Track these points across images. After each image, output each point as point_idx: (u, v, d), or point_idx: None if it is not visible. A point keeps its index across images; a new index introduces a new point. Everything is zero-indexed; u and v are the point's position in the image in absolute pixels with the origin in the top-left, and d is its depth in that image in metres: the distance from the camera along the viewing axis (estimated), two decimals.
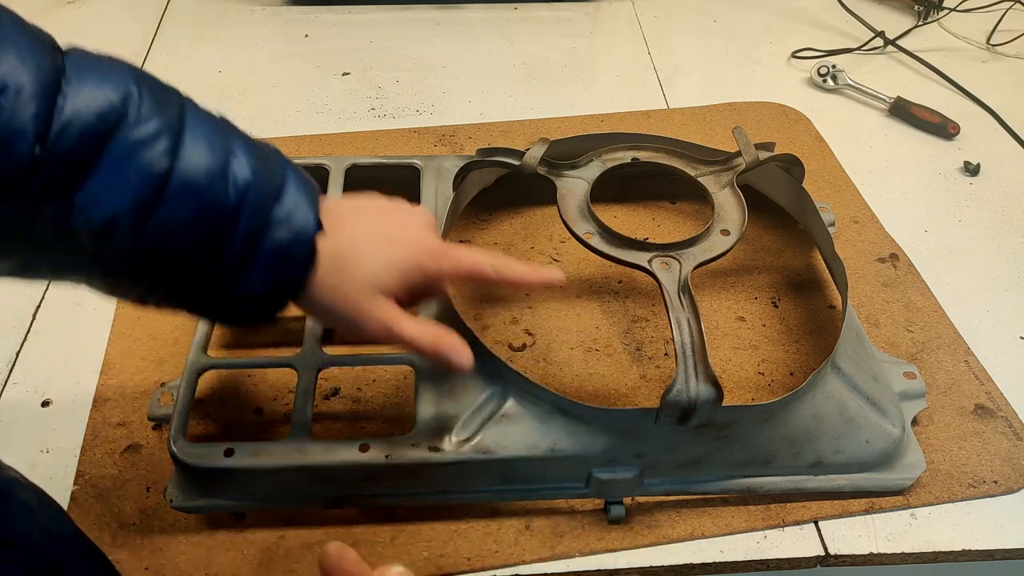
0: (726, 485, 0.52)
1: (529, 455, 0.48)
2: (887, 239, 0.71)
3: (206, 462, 0.47)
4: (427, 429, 0.48)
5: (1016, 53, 0.98)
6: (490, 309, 0.63)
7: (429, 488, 0.50)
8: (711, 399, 0.47)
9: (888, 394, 0.54)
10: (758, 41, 0.99)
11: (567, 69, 0.92)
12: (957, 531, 0.52)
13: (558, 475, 0.50)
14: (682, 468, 0.51)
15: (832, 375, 0.53)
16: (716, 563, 0.50)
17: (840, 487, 0.52)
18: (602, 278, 0.66)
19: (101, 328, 0.61)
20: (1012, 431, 0.57)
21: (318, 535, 0.50)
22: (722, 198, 0.61)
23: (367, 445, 0.47)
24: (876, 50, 0.97)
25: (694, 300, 0.52)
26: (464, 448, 0.48)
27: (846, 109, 0.88)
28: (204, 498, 0.49)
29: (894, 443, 0.52)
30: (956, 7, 1.04)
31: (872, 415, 0.52)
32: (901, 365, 0.57)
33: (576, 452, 0.49)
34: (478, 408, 0.49)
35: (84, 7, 0.99)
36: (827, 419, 0.51)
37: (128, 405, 0.56)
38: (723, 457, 0.51)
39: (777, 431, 0.50)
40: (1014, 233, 0.74)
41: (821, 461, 0.51)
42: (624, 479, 0.50)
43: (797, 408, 0.51)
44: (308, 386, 0.50)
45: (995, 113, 0.87)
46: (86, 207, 0.32)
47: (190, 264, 0.36)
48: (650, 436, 0.49)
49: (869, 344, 0.58)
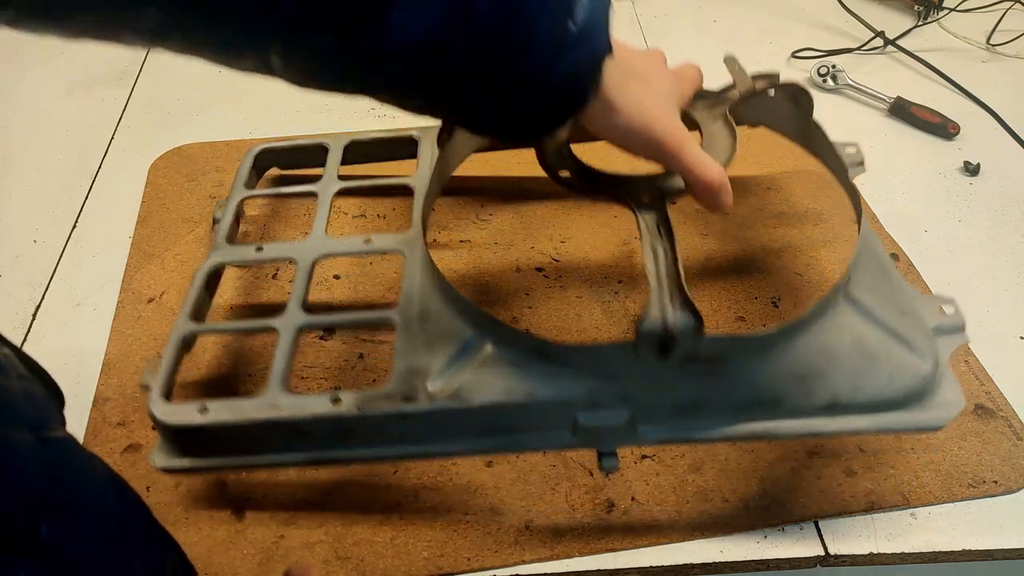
0: (731, 431, 0.47)
1: (507, 401, 0.45)
2: (887, 239, 0.71)
3: (182, 419, 0.46)
4: (401, 381, 0.46)
5: (1016, 53, 0.98)
6: (490, 309, 0.63)
7: (406, 442, 0.47)
8: (690, 327, 0.43)
9: (919, 327, 0.49)
10: (758, 41, 0.99)
11: None
12: (957, 531, 0.52)
13: (541, 423, 0.47)
14: (678, 413, 0.47)
15: (845, 306, 0.48)
16: (716, 563, 0.50)
17: (861, 428, 0.47)
18: (602, 278, 0.66)
19: (101, 328, 0.61)
20: (1012, 431, 0.57)
21: (318, 535, 0.50)
22: (715, 130, 0.58)
23: (339, 398, 0.46)
24: (876, 50, 0.97)
25: (672, 232, 0.49)
26: (439, 398, 0.45)
27: (846, 109, 0.88)
28: (184, 458, 0.48)
29: (923, 380, 0.47)
30: (956, 7, 1.04)
31: (897, 349, 0.47)
32: (937, 300, 0.51)
33: (556, 396, 0.45)
34: (453, 357, 0.47)
35: None
36: (840, 354, 0.47)
37: (128, 405, 0.56)
38: (723, 399, 0.46)
39: (781, 368, 0.46)
40: (1014, 233, 0.74)
41: (837, 401, 0.46)
42: (613, 426, 0.46)
43: (802, 342, 0.47)
44: (288, 345, 0.50)
45: (995, 113, 0.87)
46: (402, 27, 0.32)
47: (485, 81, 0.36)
48: (634, 375, 0.45)
49: (898, 276, 0.53)
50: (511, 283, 0.65)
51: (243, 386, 0.58)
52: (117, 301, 0.63)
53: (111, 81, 0.90)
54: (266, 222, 0.70)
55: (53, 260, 0.67)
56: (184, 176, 0.74)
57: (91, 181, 0.76)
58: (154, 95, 0.87)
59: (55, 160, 0.78)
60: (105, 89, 0.88)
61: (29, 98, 0.87)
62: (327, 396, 0.46)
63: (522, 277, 0.66)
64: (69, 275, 0.66)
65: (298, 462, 0.48)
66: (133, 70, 0.91)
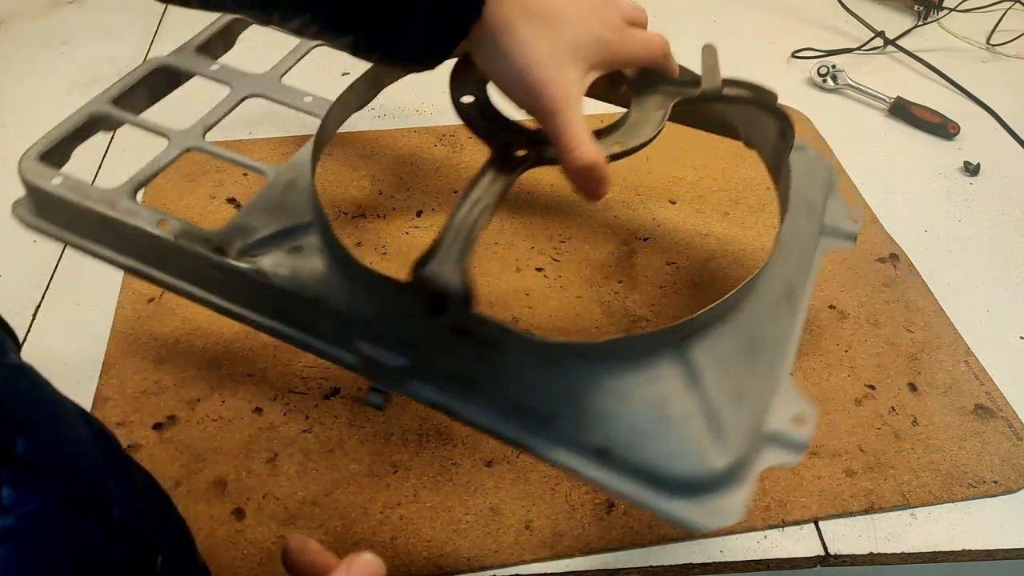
0: (497, 426, 0.43)
1: (299, 293, 0.45)
2: (887, 239, 0.71)
3: (35, 181, 0.50)
4: (227, 232, 0.47)
5: (1016, 53, 0.98)
6: (489, 309, 0.63)
7: (213, 292, 0.48)
8: (461, 294, 0.40)
9: (746, 423, 0.41)
10: (758, 41, 0.99)
11: None
12: (957, 531, 0.52)
13: (328, 330, 0.46)
14: (452, 382, 0.44)
15: (671, 358, 0.42)
16: (716, 563, 0.50)
17: (622, 491, 0.41)
18: (602, 278, 0.66)
19: (101, 328, 0.61)
20: (1012, 431, 0.57)
21: (318, 535, 0.50)
22: (643, 118, 0.51)
23: (167, 221, 0.47)
24: (876, 50, 0.97)
25: (502, 198, 0.45)
26: (243, 262, 0.46)
27: (846, 109, 0.88)
28: (38, 219, 0.51)
29: (707, 474, 0.40)
30: (956, 7, 1.04)
31: (699, 431, 0.40)
32: (802, 406, 0.43)
33: (342, 308, 0.44)
34: (280, 232, 0.47)
35: (84, 7, 0.99)
36: (634, 402, 0.41)
37: (128, 405, 0.56)
38: (494, 388, 0.43)
39: (559, 385, 0.42)
40: (1014, 233, 0.74)
41: (609, 451, 0.41)
42: (389, 365, 0.44)
43: (593, 370, 0.41)
44: (168, 158, 0.53)
45: (995, 113, 0.87)
46: None
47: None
48: (414, 322, 0.43)
49: (781, 362, 0.45)
50: (511, 283, 0.65)
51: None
52: (117, 301, 0.63)
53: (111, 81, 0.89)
54: None
55: (53, 260, 0.67)
56: (184, 176, 0.74)
57: (91, 181, 0.76)
58: None
59: None
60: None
61: (29, 98, 0.87)
62: (158, 216, 0.48)
63: (522, 277, 0.66)
64: (69, 275, 0.66)
65: (122, 265, 0.50)
66: None
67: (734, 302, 0.44)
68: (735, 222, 0.72)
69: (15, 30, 0.97)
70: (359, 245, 0.68)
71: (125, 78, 0.58)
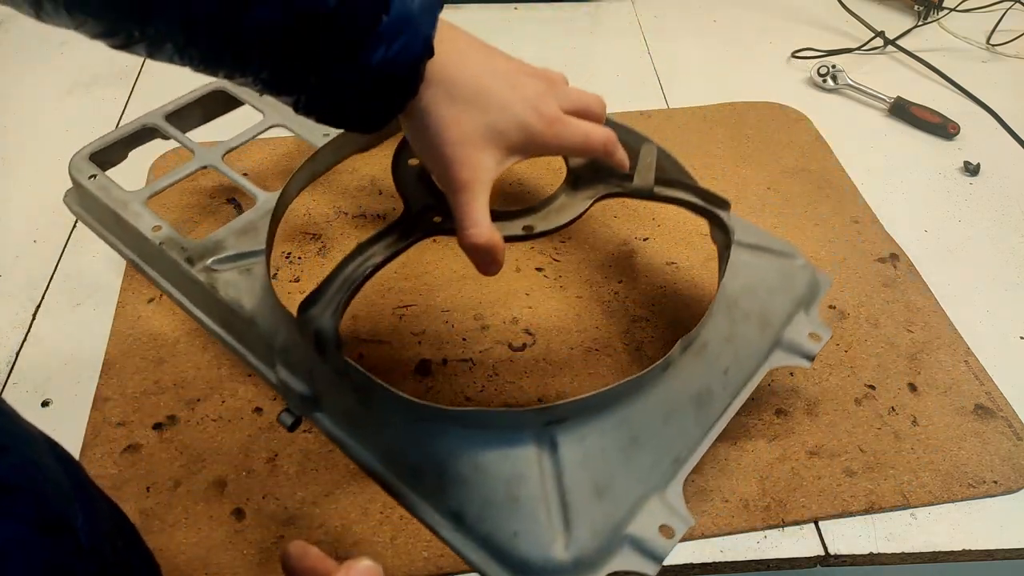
0: (377, 469, 0.44)
1: (235, 310, 0.49)
2: (887, 239, 0.71)
3: (77, 176, 0.58)
4: (202, 246, 0.53)
5: (1016, 53, 0.98)
6: (490, 309, 0.63)
7: (184, 294, 0.54)
8: (328, 337, 0.43)
9: (606, 520, 0.41)
10: (758, 41, 0.99)
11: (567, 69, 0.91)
12: (957, 531, 0.52)
13: (259, 350, 0.50)
14: (345, 417, 0.46)
15: (531, 438, 0.42)
16: (716, 563, 0.50)
17: (469, 558, 0.40)
18: (602, 278, 0.66)
19: (101, 328, 0.61)
20: (1012, 431, 0.57)
21: (318, 535, 0.50)
22: (565, 202, 0.54)
23: (160, 227, 0.54)
24: (876, 50, 0.97)
25: (396, 256, 0.48)
26: (201, 274, 0.51)
27: (846, 109, 0.88)
28: (80, 208, 0.60)
29: (549, 563, 0.39)
30: (956, 7, 1.04)
31: (546, 516, 0.40)
32: (676, 518, 0.42)
33: (263, 330, 0.48)
34: (241, 253, 0.52)
35: None
36: (489, 474, 0.41)
37: (128, 405, 0.56)
38: (372, 431, 0.44)
39: (424, 442, 0.42)
40: (1014, 233, 0.74)
41: (462, 516, 0.41)
42: (296, 390, 0.46)
43: (455, 434, 0.42)
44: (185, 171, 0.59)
45: (995, 113, 0.87)
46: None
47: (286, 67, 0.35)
48: (310, 358, 0.46)
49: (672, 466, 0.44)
50: (511, 283, 0.65)
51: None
52: (117, 301, 0.63)
53: (111, 81, 0.90)
54: None
55: (53, 260, 0.67)
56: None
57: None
58: (154, 95, 0.87)
59: (55, 160, 0.78)
60: (105, 89, 0.88)
61: (29, 98, 0.87)
62: (154, 222, 0.54)
63: (522, 277, 0.66)
64: (69, 275, 0.66)
65: (126, 257, 0.57)
66: (133, 70, 0.91)
67: (612, 396, 0.43)
68: None
69: (15, 30, 0.97)
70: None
71: (184, 96, 0.64)
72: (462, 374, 0.58)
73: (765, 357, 0.51)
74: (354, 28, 0.35)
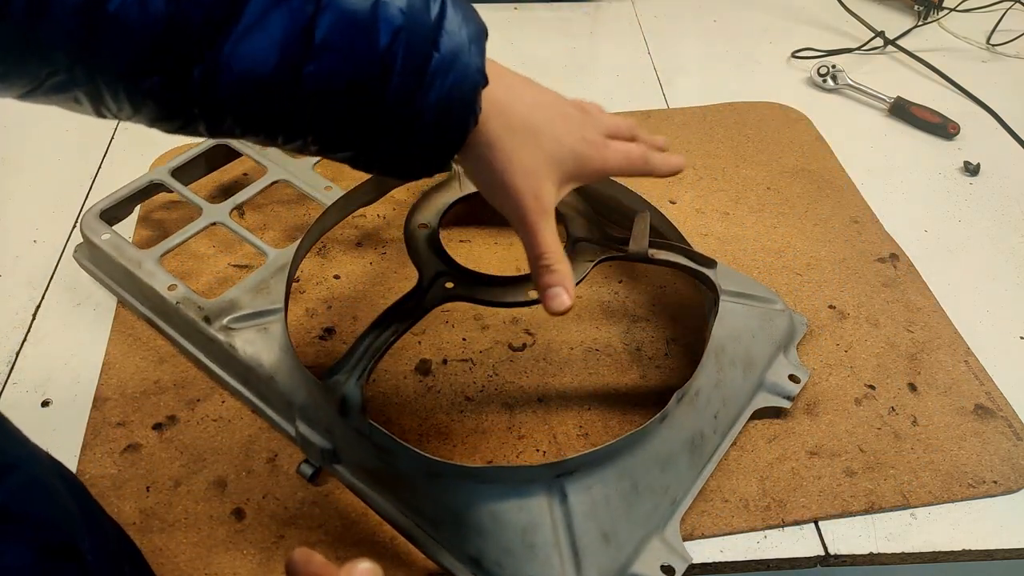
0: (399, 520, 0.48)
1: (256, 370, 0.52)
2: (887, 239, 0.71)
3: (90, 236, 0.60)
4: (221, 304, 0.55)
5: (1016, 53, 0.98)
6: (490, 308, 0.63)
7: (205, 354, 0.56)
8: (354, 404, 0.46)
9: (607, 561, 0.45)
10: (758, 41, 0.99)
11: (567, 69, 0.92)
12: (957, 531, 0.52)
13: (278, 405, 0.52)
14: (365, 473, 0.50)
15: (543, 489, 0.45)
16: (716, 563, 0.50)
17: None
18: (602, 278, 0.66)
19: (101, 328, 0.61)
20: (1012, 431, 0.57)
21: (318, 535, 0.50)
22: (575, 265, 0.55)
23: (176, 286, 0.56)
24: (876, 50, 0.97)
25: (417, 322, 0.51)
26: (219, 332, 0.53)
27: (846, 109, 0.88)
28: (90, 264, 0.62)
29: None
30: (956, 7, 1.04)
31: (559, 560, 0.44)
32: (674, 556, 0.47)
33: (285, 390, 0.51)
34: (257, 312, 0.54)
35: None
36: (504, 524, 0.44)
37: (128, 405, 0.56)
38: (392, 487, 0.48)
39: (443, 496, 0.46)
40: (1014, 233, 0.74)
41: (481, 562, 0.45)
42: (317, 445, 0.49)
43: (471, 489, 0.45)
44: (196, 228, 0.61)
45: (995, 113, 0.87)
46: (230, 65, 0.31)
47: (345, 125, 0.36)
48: (331, 417, 0.48)
49: (669, 508, 0.49)
50: None
51: None
52: (117, 301, 0.63)
53: None
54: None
55: (53, 260, 0.67)
56: None
57: (91, 181, 0.76)
58: None
59: (55, 160, 0.78)
60: None
61: None
62: (169, 281, 0.56)
63: None
64: (69, 275, 0.66)
65: (140, 314, 0.60)
66: None
67: (615, 450, 0.46)
68: (735, 222, 0.72)
69: None
70: (359, 245, 0.68)
71: (187, 152, 0.66)
72: (462, 374, 0.58)
73: (749, 400, 0.55)
74: (408, 71, 0.35)
